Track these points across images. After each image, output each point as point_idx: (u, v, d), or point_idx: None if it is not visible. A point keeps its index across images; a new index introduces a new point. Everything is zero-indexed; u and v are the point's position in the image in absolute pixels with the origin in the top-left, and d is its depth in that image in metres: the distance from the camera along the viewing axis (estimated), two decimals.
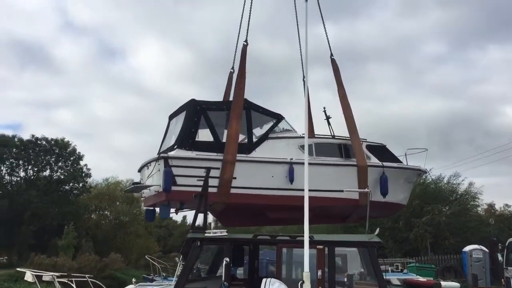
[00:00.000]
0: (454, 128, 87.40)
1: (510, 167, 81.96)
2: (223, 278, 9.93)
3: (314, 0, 16.19)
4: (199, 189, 12.03)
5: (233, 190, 13.06)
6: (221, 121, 14.05)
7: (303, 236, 9.12)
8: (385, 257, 31.80)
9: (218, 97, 16.17)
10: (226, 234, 10.77)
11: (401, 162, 15.73)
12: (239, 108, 13.65)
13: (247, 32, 15.03)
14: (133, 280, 16.15)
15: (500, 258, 24.08)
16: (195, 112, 13.57)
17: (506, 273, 21.77)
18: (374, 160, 14.89)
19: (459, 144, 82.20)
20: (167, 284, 14.95)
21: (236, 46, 15.30)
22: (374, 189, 13.98)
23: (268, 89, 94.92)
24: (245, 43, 14.85)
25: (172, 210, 14.48)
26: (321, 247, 10.27)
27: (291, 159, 13.43)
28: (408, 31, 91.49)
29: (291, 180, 13.23)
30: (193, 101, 13.77)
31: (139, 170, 14.95)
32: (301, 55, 16.64)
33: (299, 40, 16.76)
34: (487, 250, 25.77)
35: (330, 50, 16.16)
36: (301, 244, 9.11)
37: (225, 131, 13.67)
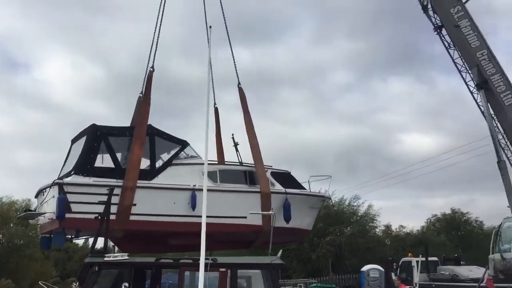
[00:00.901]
0: (359, 153, 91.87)
1: (406, 191, 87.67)
2: None
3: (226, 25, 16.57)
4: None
5: (132, 217, 12.78)
6: (123, 147, 13.72)
7: (207, 259, 9.10)
8: (289, 277, 32.51)
9: (130, 116, 15.65)
10: (127, 258, 10.51)
11: (304, 188, 16.21)
12: (142, 134, 13.41)
13: (154, 58, 14.91)
14: None
15: (394, 277, 25.33)
16: (95, 138, 13.16)
17: None
18: (278, 187, 15.23)
19: (362, 169, 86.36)
20: None
21: (146, 71, 15.02)
22: (278, 215, 14.25)
23: (185, 109, 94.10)
24: (151, 69, 14.69)
25: (69, 237, 13.90)
26: (223, 269, 10.34)
27: (194, 185, 13.38)
28: (320, 59, 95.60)
29: (193, 206, 13.17)
30: (93, 126, 13.36)
31: (36, 196, 14.24)
32: (212, 79, 16.66)
33: (210, 63, 16.81)
34: (383, 270, 27.00)
35: (238, 78, 16.57)
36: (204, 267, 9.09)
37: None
